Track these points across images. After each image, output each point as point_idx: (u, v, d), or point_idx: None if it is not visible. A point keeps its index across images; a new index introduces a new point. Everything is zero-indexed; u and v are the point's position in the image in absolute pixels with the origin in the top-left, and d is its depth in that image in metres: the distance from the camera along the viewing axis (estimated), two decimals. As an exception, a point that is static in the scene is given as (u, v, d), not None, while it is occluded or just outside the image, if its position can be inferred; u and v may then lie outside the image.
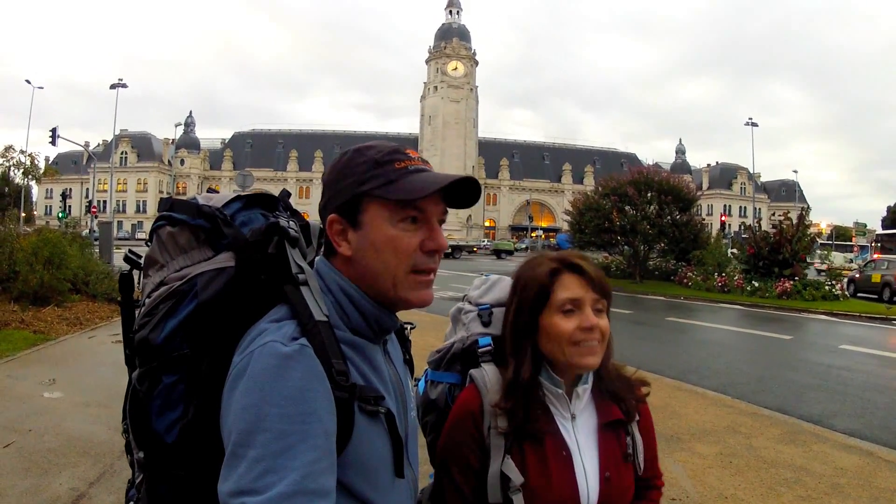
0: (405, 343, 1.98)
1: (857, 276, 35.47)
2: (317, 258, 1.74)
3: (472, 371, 2.17)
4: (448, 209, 1.71)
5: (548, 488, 2.01)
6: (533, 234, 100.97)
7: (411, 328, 2.06)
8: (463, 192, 1.66)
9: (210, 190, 1.96)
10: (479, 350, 2.20)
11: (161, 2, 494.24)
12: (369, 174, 1.58)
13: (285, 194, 1.95)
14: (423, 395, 2.37)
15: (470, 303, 2.39)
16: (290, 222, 1.69)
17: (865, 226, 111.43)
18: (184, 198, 1.81)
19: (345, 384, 1.45)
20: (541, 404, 2.08)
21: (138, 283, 1.79)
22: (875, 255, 41.37)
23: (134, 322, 1.67)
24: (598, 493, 2.04)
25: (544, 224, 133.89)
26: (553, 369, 2.07)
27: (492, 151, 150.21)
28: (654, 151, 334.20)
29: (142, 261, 1.78)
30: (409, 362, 1.95)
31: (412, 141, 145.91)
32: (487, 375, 2.12)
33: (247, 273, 1.57)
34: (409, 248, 1.59)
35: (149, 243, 1.77)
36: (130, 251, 1.85)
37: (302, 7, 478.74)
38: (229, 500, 1.29)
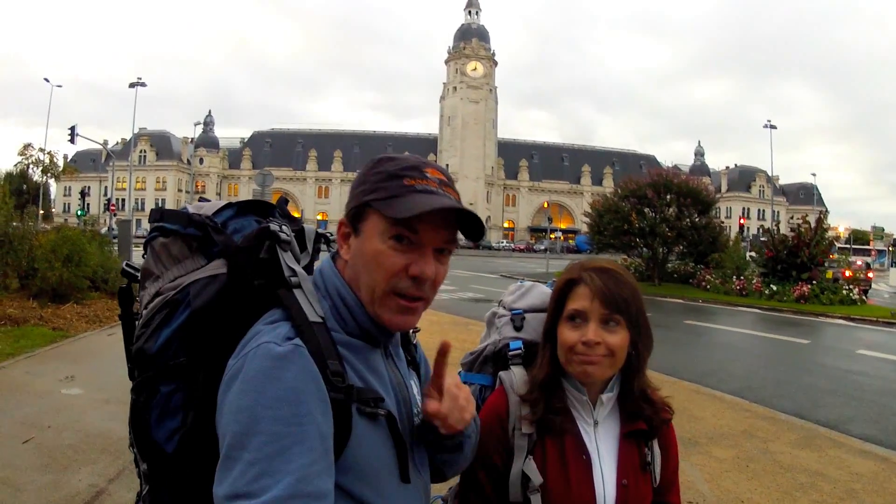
0: (409, 346, 1.95)
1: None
2: (326, 256, 1.76)
3: (501, 373, 2.23)
4: (460, 238, 1.69)
5: (566, 490, 2.04)
6: (552, 236, 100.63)
7: (415, 332, 2.02)
8: (470, 222, 1.63)
9: (201, 199, 1.95)
10: (510, 353, 2.26)
11: (177, 1, 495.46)
12: (378, 185, 1.58)
13: (283, 201, 1.96)
14: None
15: (504, 308, 2.44)
16: (283, 227, 1.69)
17: (883, 229, 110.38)
18: (175, 208, 1.84)
19: (341, 385, 1.45)
20: (563, 407, 2.11)
21: (138, 297, 1.81)
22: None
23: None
24: (615, 499, 2.06)
25: (563, 226, 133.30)
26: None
27: (511, 152, 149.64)
28: (672, 153, 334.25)
29: (139, 274, 1.81)
30: (412, 363, 1.93)
31: (431, 141, 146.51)
32: (515, 377, 2.18)
33: (239, 279, 1.58)
34: (392, 267, 1.56)
35: (144, 255, 1.79)
36: (127, 264, 1.90)
37: (315, 6, 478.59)
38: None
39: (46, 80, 74.30)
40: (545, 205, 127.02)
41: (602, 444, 2.12)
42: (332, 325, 1.56)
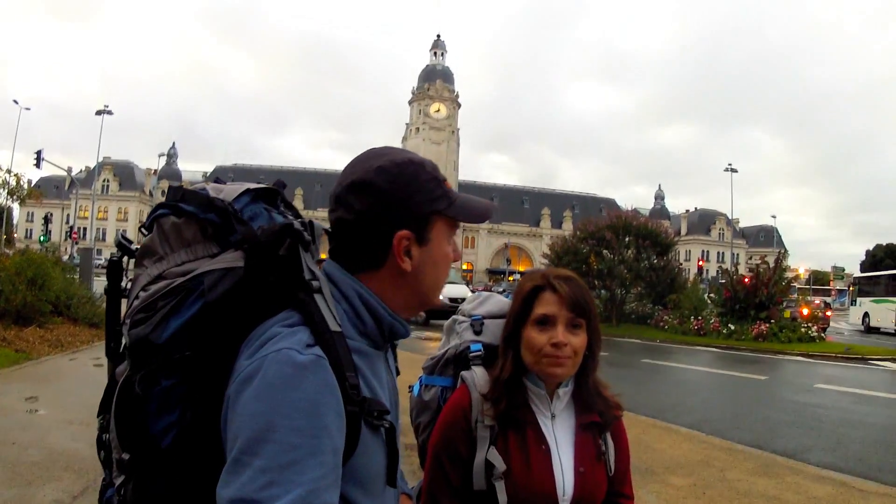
0: (394, 349, 1.95)
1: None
2: (325, 261, 1.70)
3: (463, 373, 2.39)
4: None
5: (528, 477, 2.21)
6: (510, 278, 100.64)
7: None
8: None
9: (217, 180, 1.86)
10: (471, 355, 2.42)
11: (147, 31, 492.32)
12: (438, 193, 1.66)
13: (281, 184, 1.92)
14: (417, 397, 2.57)
15: (464, 314, 2.61)
16: (301, 223, 1.64)
17: (843, 270, 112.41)
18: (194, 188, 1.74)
19: (357, 398, 1.43)
20: (524, 402, 2.28)
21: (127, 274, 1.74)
22: None
23: (120, 314, 1.65)
24: (574, 484, 2.23)
25: (522, 268, 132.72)
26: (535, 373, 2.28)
27: (472, 194, 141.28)
28: (634, 197, 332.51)
29: (134, 248, 1.73)
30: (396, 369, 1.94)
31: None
32: (476, 375, 2.33)
33: (257, 275, 1.50)
34: (450, 261, 1.73)
35: (144, 231, 1.70)
36: (123, 236, 1.79)
37: (277, 41, 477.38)
38: None
39: (16, 101, 73.92)
40: (505, 246, 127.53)
41: (560, 435, 2.29)
42: (347, 332, 1.52)
